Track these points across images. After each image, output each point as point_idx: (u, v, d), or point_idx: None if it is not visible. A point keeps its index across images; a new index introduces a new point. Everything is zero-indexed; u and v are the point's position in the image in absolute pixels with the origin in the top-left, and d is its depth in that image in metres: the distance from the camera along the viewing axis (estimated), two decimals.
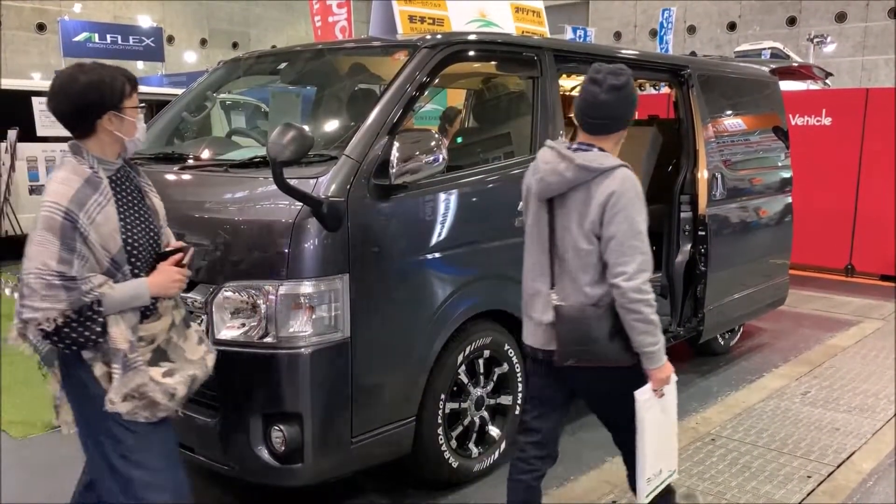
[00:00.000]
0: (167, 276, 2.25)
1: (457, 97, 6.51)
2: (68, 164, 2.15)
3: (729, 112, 5.07)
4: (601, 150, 2.47)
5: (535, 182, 2.52)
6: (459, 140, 4.42)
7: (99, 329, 2.08)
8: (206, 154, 3.55)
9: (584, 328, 2.41)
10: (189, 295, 2.86)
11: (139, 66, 22.82)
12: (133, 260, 2.20)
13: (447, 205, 3.17)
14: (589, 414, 4.23)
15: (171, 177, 3.31)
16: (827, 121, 8.35)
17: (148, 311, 2.24)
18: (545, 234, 2.51)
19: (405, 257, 3.02)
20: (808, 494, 3.36)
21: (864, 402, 4.52)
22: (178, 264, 2.30)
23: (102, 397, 2.13)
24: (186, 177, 3.31)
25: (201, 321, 2.79)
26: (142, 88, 12.30)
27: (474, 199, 3.30)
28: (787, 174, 5.64)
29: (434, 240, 3.12)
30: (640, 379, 2.44)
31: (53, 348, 2.18)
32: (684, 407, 4.21)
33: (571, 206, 2.44)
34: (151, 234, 2.29)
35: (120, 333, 2.11)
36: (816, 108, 8.40)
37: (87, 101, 2.14)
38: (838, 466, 3.64)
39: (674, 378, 2.51)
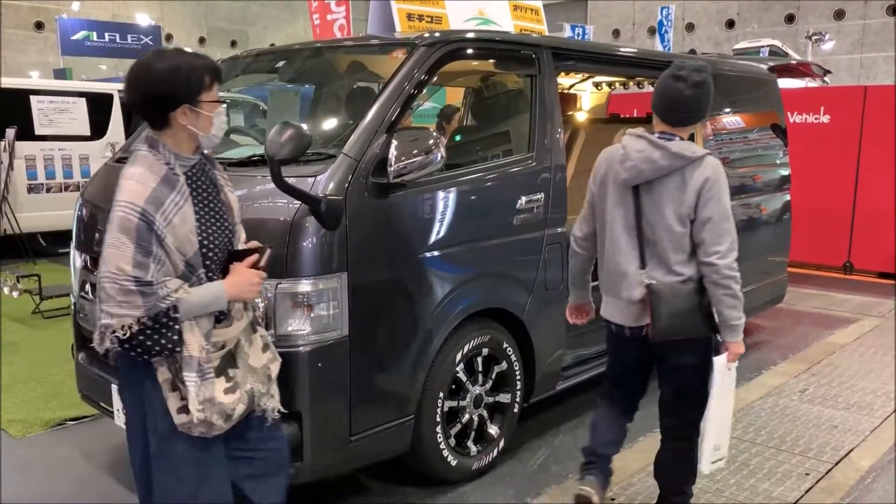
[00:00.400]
0: (245, 279, 2.10)
1: (455, 95, 6.50)
2: (143, 160, 2.00)
3: (727, 110, 5.07)
4: (681, 139, 2.64)
5: (623, 169, 2.65)
6: (458, 138, 4.42)
7: (176, 337, 1.95)
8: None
9: (678, 304, 2.60)
10: None
11: None
12: (208, 262, 2.06)
13: (445, 203, 3.17)
14: (590, 412, 4.24)
15: None
16: (825, 118, 8.35)
17: (221, 316, 2.09)
18: (631, 218, 2.67)
19: (403, 256, 3.02)
20: (806, 492, 3.36)
21: (862, 399, 4.52)
22: (255, 266, 2.14)
23: (161, 404, 2.03)
24: None
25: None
26: None
27: (473, 198, 3.30)
28: (785, 172, 5.64)
29: (432, 238, 3.12)
30: (711, 353, 2.68)
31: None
32: None
33: (663, 192, 2.61)
34: (227, 232, 2.15)
35: (194, 340, 1.98)
36: (815, 106, 8.40)
37: (160, 92, 1.97)
38: (836, 464, 3.65)
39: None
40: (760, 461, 3.66)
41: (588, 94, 5.94)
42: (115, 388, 3.20)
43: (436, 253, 3.13)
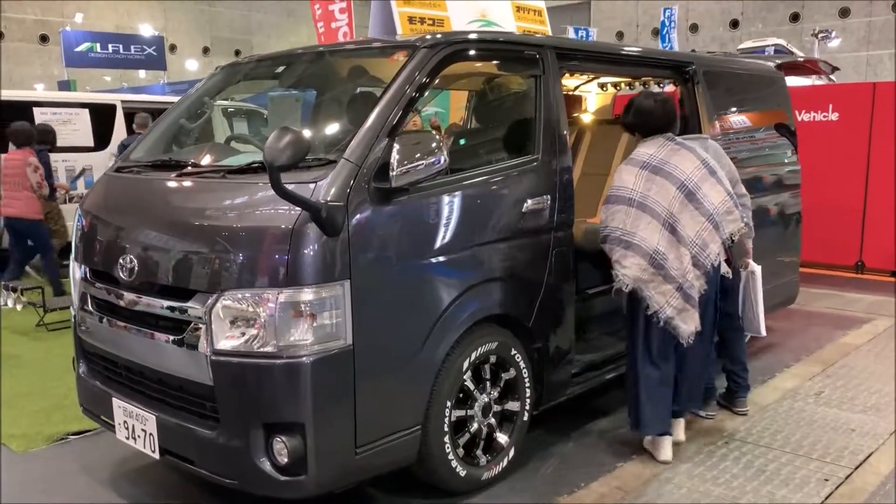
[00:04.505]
0: None
1: (459, 98, 6.44)
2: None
3: (735, 109, 4.99)
4: None
5: None
6: (462, 142, 4.36)
7: None
8: (203, 160, 3.49)
9: None
10: (188, 304, 2.80)
11: (141, 75, 22.93)
12: None
13: (450, 207, 3.10)
14: (601, 419, 4.16)
15: (168, 184, 3.26)
16: (834, 116, 8.25)
17: None
18: None
19: (408, 262, 2.95)
20: (827, 498, 3.27)
21: (879, 401, 4.42)
22: None
23: None
24: (184, 184, 3.25)
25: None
26: (143, 97, 12.15)
27: (477, 201, 3.23)
28: (795, 170, 5.55)
29: (437, 243, 3.05)
30: None
31: None
32: None
33: None
34: None
35: None
36: (823, 104, 8.31)
37: None
38: (856, 468, 3.55)
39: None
40: (777, 467, 3.57)
41: (593, 95, 5.87)
42: (115, 401, 3.14)
43: (441, 258, 3.06)
